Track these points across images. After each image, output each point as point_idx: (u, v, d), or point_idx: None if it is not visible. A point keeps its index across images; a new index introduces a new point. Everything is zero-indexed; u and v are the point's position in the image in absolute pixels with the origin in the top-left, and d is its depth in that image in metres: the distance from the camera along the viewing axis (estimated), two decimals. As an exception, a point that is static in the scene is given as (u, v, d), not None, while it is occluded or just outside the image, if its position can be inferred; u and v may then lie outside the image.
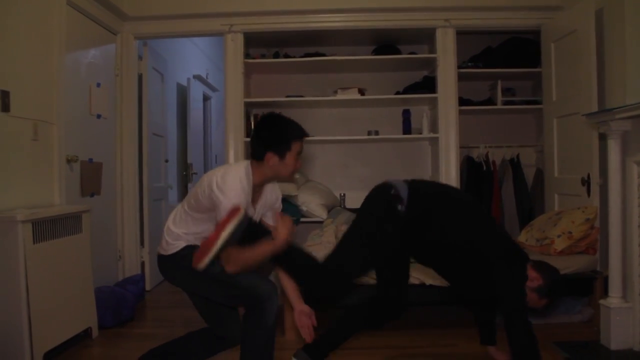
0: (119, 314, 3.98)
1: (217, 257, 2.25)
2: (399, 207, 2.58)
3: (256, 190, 2.49)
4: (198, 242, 2.43)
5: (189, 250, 2.42)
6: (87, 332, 3.64)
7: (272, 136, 2.39)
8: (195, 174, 6.98)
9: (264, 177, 2.45)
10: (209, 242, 2.21)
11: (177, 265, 2.49)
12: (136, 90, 5.08)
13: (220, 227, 2.20)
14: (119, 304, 3.99)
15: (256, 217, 2.53)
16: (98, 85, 4.48)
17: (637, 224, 3.25)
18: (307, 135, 2.49)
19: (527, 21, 4.90)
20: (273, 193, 2.61)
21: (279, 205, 2.65)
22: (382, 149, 5.57)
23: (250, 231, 2.33)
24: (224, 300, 2.52)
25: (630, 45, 3.44)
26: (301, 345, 2.83)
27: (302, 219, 4.76)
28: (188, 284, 2.56)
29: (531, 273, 2.61)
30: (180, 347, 2.67)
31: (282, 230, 2.36)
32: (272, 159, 2.38)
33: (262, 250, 2.34)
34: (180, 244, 2.48)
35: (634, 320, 3.26)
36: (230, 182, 2.31)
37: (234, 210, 2.22)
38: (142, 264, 5.13)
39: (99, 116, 4.50)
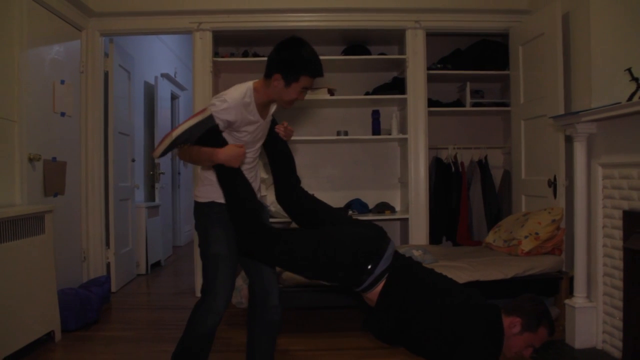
0: (83, 317, 3.89)
1: (171, 149, 2.28)
2: (365, 277, 2.27)
3: (264, 108, 2.51)
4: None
5: None
6: (49, 336, 3.55)
7: (286, 61, 2.35)
8: (163, 173, 6.90)
9: (266, 96, 2.44)
10: (168, 133, 2.26)
11: None
12: (102, 87, 4.98)
13: (184, 121, 2.27)
14: (83, 306, 3.90)
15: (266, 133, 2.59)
16: (62, 82, 4.37)
17: (602, 226, 3.31)
18: (321, 75, 2.43)
19: (496, 24, 4.95)
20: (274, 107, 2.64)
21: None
22: (351, 149, 5.57)
23: (208, 138, 2.30)
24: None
25: (595, 49, 3.50)
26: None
27: (271, 219, 4.71)
28: None
29: (506, 321, 2.29)
30: None
31: (230, 148, 2.33)
32: (277, 81, 2.37)
33: (204, 151, 2.31)
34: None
35: (597, 319, 3.33)
36: (232, 91, 2.39)
37: (202, 110, 2.28)
38: (108, 265, 5.04)
39: (62, 114, 4.39)
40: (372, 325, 2.37)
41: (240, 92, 2.40)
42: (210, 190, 2.50)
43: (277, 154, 2.70)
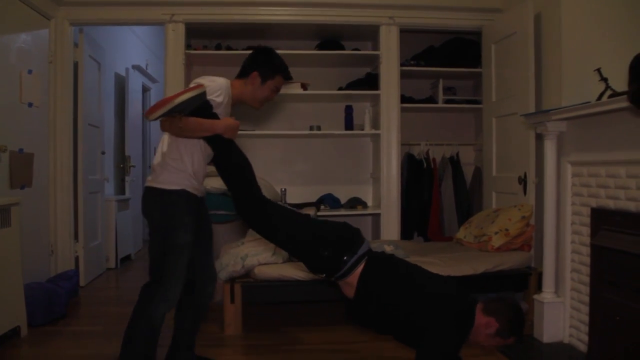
0: (50, 311, 3.82)
1: (167, 115, 2.37)
2: (342, 267, 2.39)
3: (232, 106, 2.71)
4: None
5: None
6: (15, 331, 3.46)
7: (265, 61, 2.71)
8: (133, 166, 6.81)
9: (240, 93, 2.70)
10: (167, 98, 2.34)
11: None
12: (71, 78, 4.88)
13: (181, 91, 2.37)
14: (50, 301, 3.83)
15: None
16: (30, 72, 4.27)
17: (570, 222, 3.36)
18: (291, 79, 2.87)
19: (469, 22, 4.99)
20: None
21: None
22: (323, 144, 5.56)
23: (202, 111, 2.43)
24: None
25: (566, 49, 3.55)
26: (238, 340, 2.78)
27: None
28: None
29: (481, 319, 2.33)
30: None
31: (226, 119, 2.50)
32: (255, 79, 2.68)
33: (204, 122, 2.43)
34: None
35: (564, 314, 3.39)
36: (214, 77, 2.60)
37: (198, 85, 2.44)
38: (76, 258, 4.95)
39: (30, 104, 4.29)
40: (356, 313, 2.48)
41: (224, 80, 2.61)
42: (182, 177, 2.54)
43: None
